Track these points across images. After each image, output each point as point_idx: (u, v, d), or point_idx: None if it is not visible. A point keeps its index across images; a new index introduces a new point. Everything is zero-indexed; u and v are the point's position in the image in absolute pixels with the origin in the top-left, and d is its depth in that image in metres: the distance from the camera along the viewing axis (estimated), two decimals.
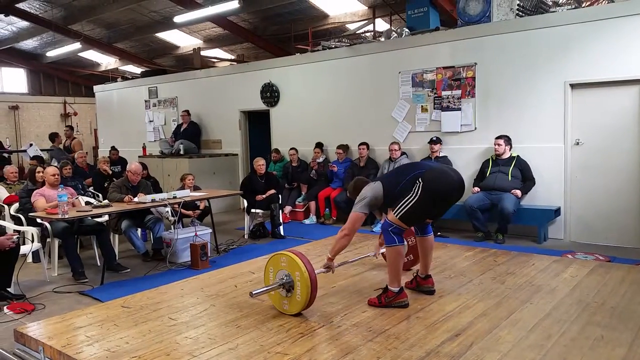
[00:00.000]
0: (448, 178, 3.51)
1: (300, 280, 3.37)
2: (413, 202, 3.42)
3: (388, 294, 3.58)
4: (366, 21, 10.67)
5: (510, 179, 6.37)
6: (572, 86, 6.24)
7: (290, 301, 3.46)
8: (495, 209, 6.31)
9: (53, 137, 10.60)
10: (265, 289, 3.49)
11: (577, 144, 6.30)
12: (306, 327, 3.29)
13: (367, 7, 10.56)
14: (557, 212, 6.31)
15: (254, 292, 3.41)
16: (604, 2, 6.95)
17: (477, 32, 6.92)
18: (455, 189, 3.53)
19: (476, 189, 6.59)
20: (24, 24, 13.08)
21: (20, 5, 11.71)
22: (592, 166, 6.22)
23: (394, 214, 3.49)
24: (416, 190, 3.42)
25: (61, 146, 10.61)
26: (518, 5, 6.76)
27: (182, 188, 6.88)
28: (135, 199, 5.74)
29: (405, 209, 3.44)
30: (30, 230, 5.45)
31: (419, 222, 3.70)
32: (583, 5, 6.69)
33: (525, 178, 6.41)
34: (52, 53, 13.68)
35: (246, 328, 3.31)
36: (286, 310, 3.50)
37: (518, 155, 6.48)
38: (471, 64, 6.95)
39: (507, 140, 6.54)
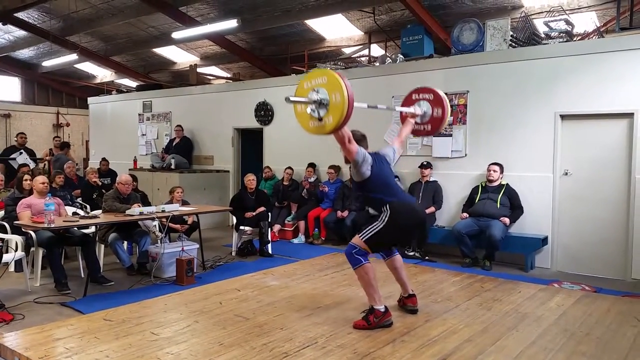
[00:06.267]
0: (413, 213, 3.72)
1: (336, 100, 3.25)
2: (379, 228, 3.59)
3: (376, 313, 3.57)
4: (361, 46, 10.82)
5: (498, 206, 6.40)
6: (562, 117, 6.34)
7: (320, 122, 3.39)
8: (483, 235, 6.33)
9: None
10: (301, 99, 3.38)
11: (566, 174, 6.37)
12: (290, 347, 3.24)
13: (363, 33, 10.69)
14: (544, 241, 6.34)
15: (291, 98, 3.33)
16: (594, 36, 7.12)
17: (470, 61, 7.04)
18: (417, 224, 3.82)
19: (465, 214, 6.62)
20: (21, 33, 13.07)
21: (19, 15, 11.73)
22: (580, 197, 6.28)
23: (360, 237, 3.61)
24: (383, 218, 3.58)
25: (48, 158, 10.57)
26: (511, 36, 6.90)
27: (171, 201, 6.84)
28: (129, 211, 5.69)
29: (371, 234, 3.59)
30: (14, 239, 5.37)
31: (382, 249, 3.80)
32: (574, 38, 6.83)
33: (514, 206, 6.45)
34: (48, 63, 13.65)
35: (229, 346, 3.26)
36: (313, 128, 3.46)
37: (507, 183, 6.53)
38: (463, 92, 7.05)
39: (501, 167, 6.60)
